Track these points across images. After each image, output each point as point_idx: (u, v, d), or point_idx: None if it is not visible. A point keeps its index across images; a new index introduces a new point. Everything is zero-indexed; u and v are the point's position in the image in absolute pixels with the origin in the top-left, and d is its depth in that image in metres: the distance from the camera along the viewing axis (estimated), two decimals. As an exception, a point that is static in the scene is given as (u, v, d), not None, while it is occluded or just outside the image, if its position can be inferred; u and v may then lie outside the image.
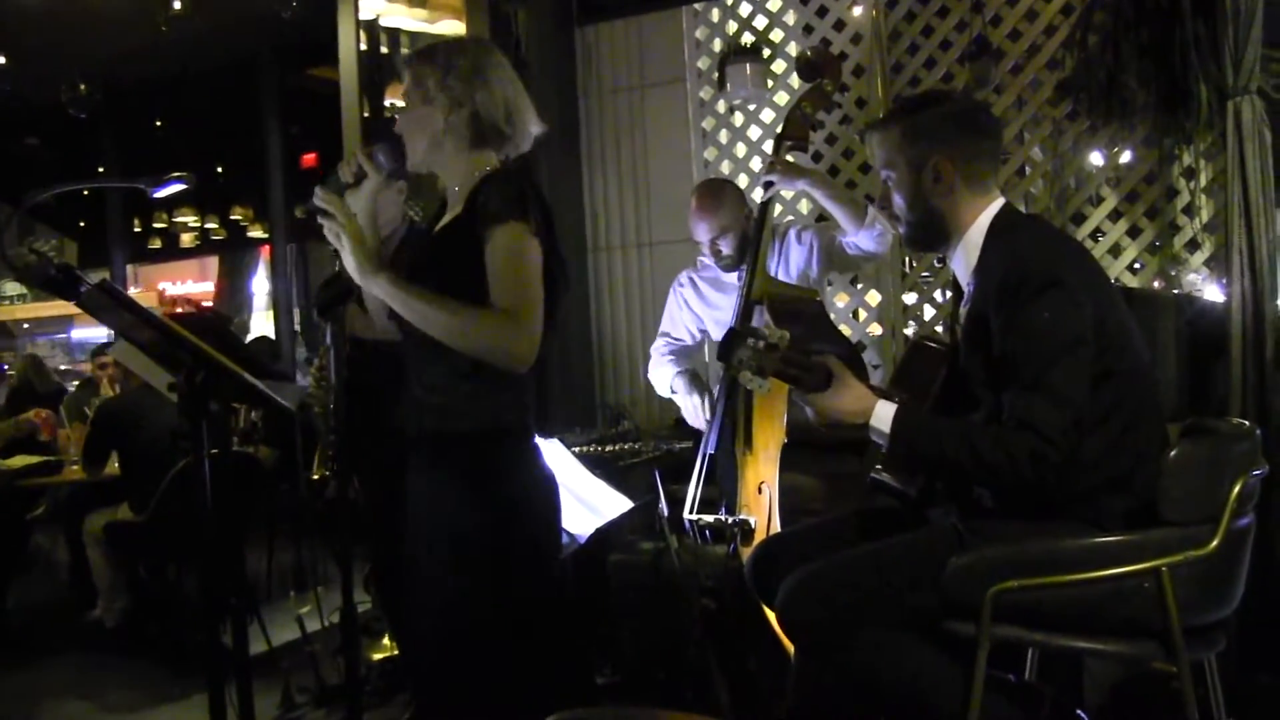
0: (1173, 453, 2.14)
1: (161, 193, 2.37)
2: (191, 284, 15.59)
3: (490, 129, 2.26)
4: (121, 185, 9.35)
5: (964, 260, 2.36)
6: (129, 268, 11.38)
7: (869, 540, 2.39)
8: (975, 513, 2.28)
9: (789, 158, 3.60)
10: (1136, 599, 2.07)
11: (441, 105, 2.24)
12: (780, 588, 2.31)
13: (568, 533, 3.12)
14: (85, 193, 10.08)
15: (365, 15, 5.99)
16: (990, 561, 2.14)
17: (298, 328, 10.21)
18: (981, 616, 2.10)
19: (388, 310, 2.24)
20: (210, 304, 12.17)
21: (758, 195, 3.66)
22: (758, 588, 2.57)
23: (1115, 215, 4.57)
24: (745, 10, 5.14)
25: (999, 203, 2.36)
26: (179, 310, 5.31)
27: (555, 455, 3.48)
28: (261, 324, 12.65)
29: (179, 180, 2.36)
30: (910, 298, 4.99)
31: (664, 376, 3.97)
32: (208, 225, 11.10)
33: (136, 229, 10.97)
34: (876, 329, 5.00)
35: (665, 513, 3.60)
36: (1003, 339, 2.18)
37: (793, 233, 3.82)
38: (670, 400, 4.12)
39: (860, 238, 3.59)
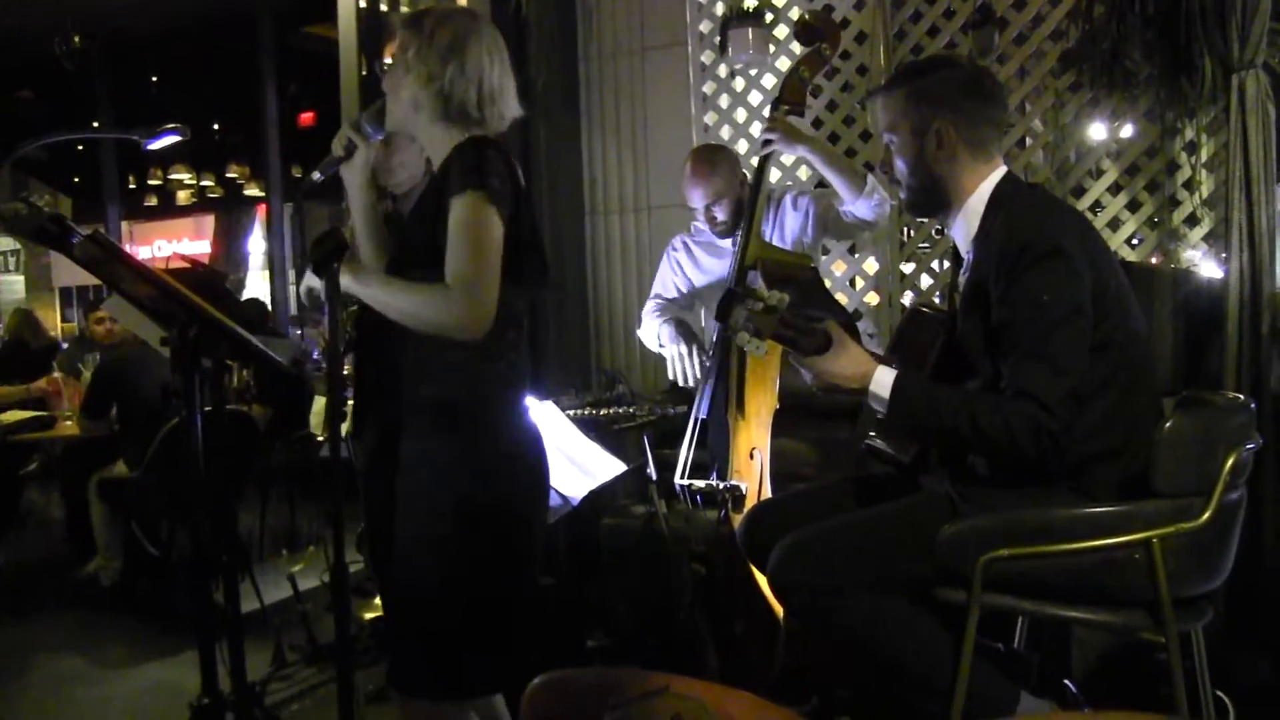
0: (1166, 424, 2.14)
1: (156, 144, 2.35)
2: (188, 242, 15.55)
3: (457, 109, 2.22)
4: (115, 136, 9.28)
5: (964, 228, 2.35)
6: (124, 225, 11.33)
7: (862, 506, 2.40)
8: (968, 480, 2.28)
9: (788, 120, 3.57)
10: (1127, 569, 2.08)
11: (417, 76, 2.20)
12: (772, 552, 2.31)
13: (560, 494, 3.12)
14: (80, 148, 10.02)
15: (365, -27, 5.93)
16: (982, 530, 2.14)
17: (294, 287, 10.19)
18: (972, 584, 2.11)
19: None
20: (206, 261, 12.14)
21: (753, 163, 3.64)
22: (750, 552, 2.57)
23: (1115, 188, 4.56)
24: (748, -26, 5.09)
25: (1001, 171, 2.34)
26: (174, 266, 5.26)
27: (548, 417, 3.48)
28: (258, 283, 12.63)
29: (174, 132, 2.34)
30: (908, 266, 4.97)
31: (651, 330, 3.96)
32: (204, 183, 11.06)
33: (131, 186, 10.95)
34: (873, 297, 4.99)
35: (654, 477, 3.60)
36: (1001, 307, 2.17)
37: (789, 198, 3.80)
38: (664, 364, 4.11)
39: (858, 206, 3.57)
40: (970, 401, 2.18)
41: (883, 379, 2.23)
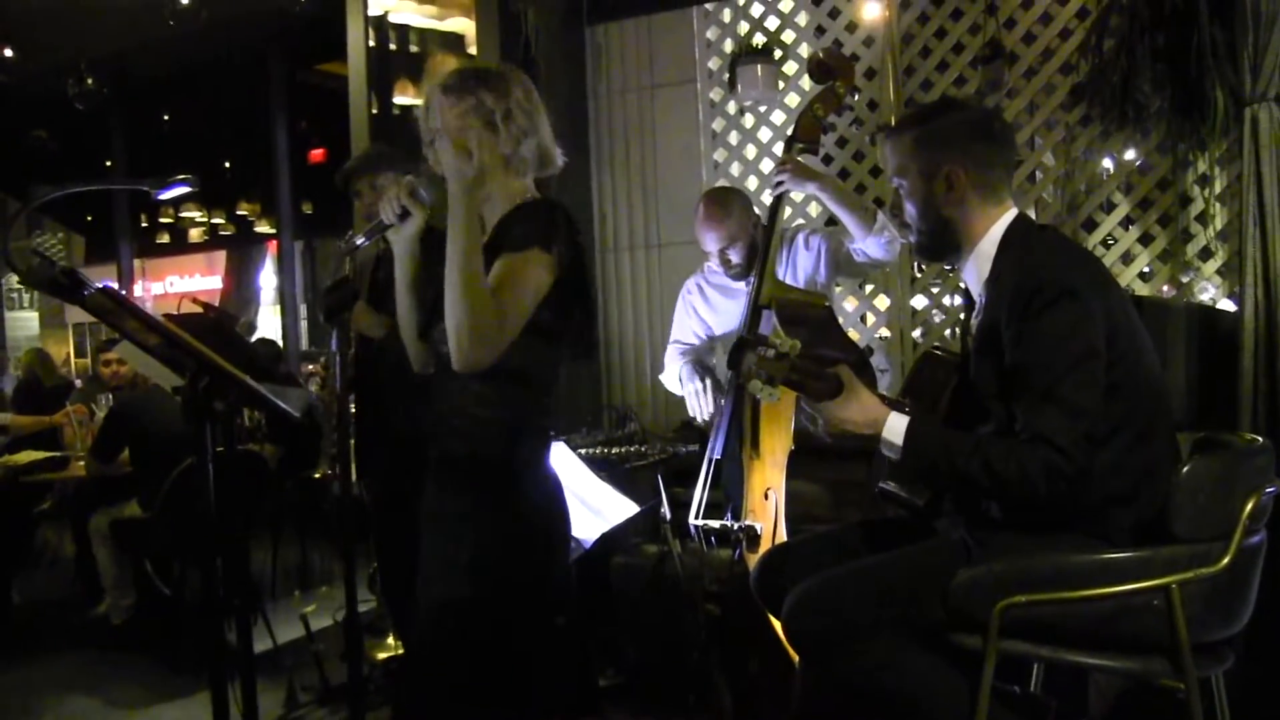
0: (1184, 469, 2.12)
1: (166, 194, 2.36)
2: (199, 278, 15.59)
3: (547, 159, 2.28)
4: (126, 187, 9.35)
5: (975, 271, 2.34)
6: (136, 262, 11.39)
7: (876, 551, 2.38)
8: (983, 525, 2.25)
9: (800, 159, 3.57)
10: (1145, 615, 2.06)
11: (508, 136, 2.21)
12: (786, 598, 2.29)
13: (573, 538, 3.11)
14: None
15: (374, 11, 5.99)
16: (998, 576, 2.12)
17: (305, 322, 10.23)
18: (989, 631, 2.08)
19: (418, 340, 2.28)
20: (217, 302, 12.19)
21: (767, 197, 3.64)
22: (763, 598, 2.55)
23: (1127, 222, 4.55)
24: (757, 11, 5.12)
25: (1012, 213, 2.33)
26: (183, 310, 5.27)
27: (561, 459, 3.46)
28: (269, 319, 12.67)
29: (183, 183, 2.35)
30: (919, 301, 4.96)
31: (673, 373, 3.95)
32: (215, 220, 11.11)
33: (144, 224, 11.00)
34: (885, 333, 4.97)
35: (667, 516, 3.58)
36: (1014, 350, 2.16)
37: (801, 237, 3.80)
38: (678, 402, 4.10)
39: (868, 244, 3.56)
40: (984, 446, 2.16)
41: (896, 425, 2.21)
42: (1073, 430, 2.07)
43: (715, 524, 3.49)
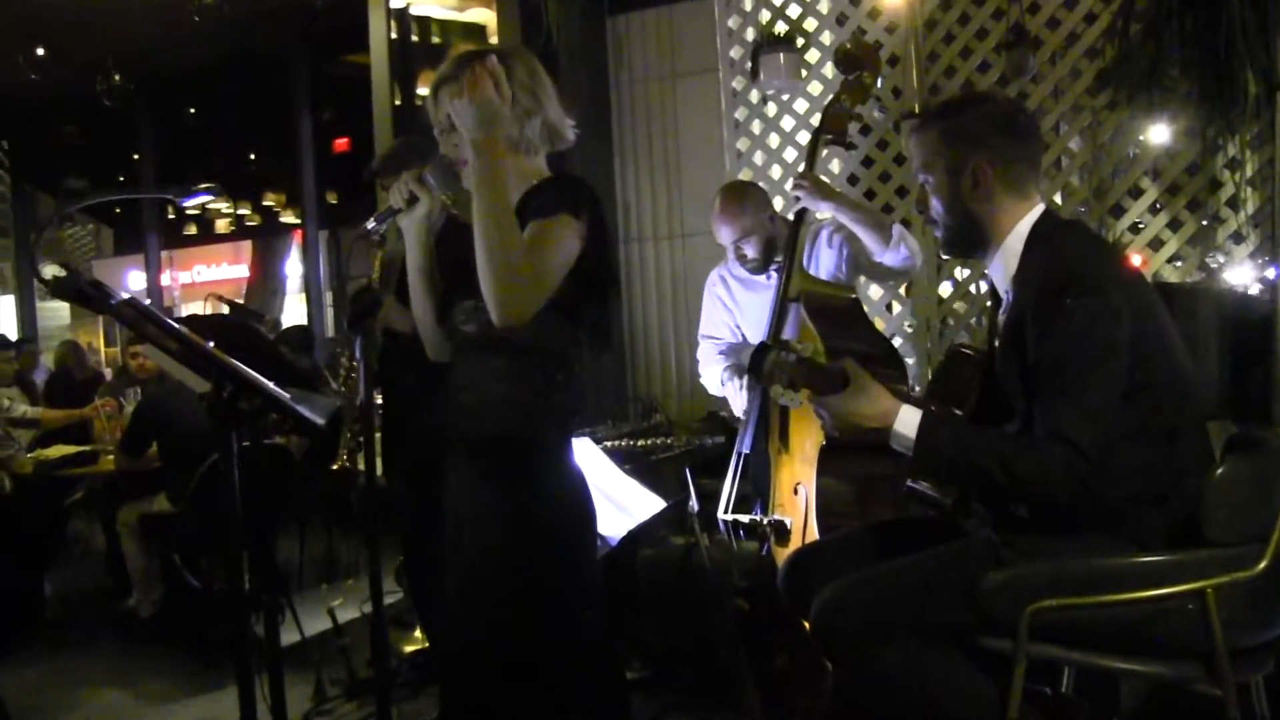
0: (1218, 470, 2.08)
1: (190, 202, 2.37)
2: (226, 266, 15.67)
3: (557, 135, 2.27)
4: (152, 196, 9.45)
5: (1002, 267, 2.31)
6: (163, 253, 11.48)
7: (904, 552, 2.35)
8: (1011, 526, 2.23)
9: (821, 176, 3.57)
10: (1179, 620, 2.02)
11: (514, 117, 2.19)
12: (814, 600, 2.28)
13: (599, 535, 3.11)
14: (121, 179, 10.18)
15: (395, 3, 6.00)
16: (1028, 579, 2.10)
17: (331, 309, 10.29)
18: (1019, 635, 2.06)
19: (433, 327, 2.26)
20: (244, 291, 12.25)
21: (790, 185, 3.62)
22: (791, 598, 2.54)
23: (1156, 208, 4.50)
24: (778, -1, 5.08)
25: (1039, 209, 2.30)
26: (210, 308, 5.32)
27: (586, 454, 3.46)
28: (295, 306, 12.76)
29: (207, 191, 2.36)
30: (945, 289, 4.93)
31: (714, 375, 3.93)
32: (241, 212, 11.17)
33: (171, 215, 11.08)
34: (912, 321, 4.95)
35: (696, 509, 3.57)
36: (1038, 347, 2.13)
37: (825, 233, 3.77)
38: (703, 394, 4.09)
39: (886, 258, 3.55)
40: (1001, 442, 2.14)
41: (908, 418, 2.18)
42: (1092, 429, 2.04)
43: (744, 518, 3.48)
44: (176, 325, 1.88)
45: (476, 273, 2.08)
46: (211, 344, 2.20)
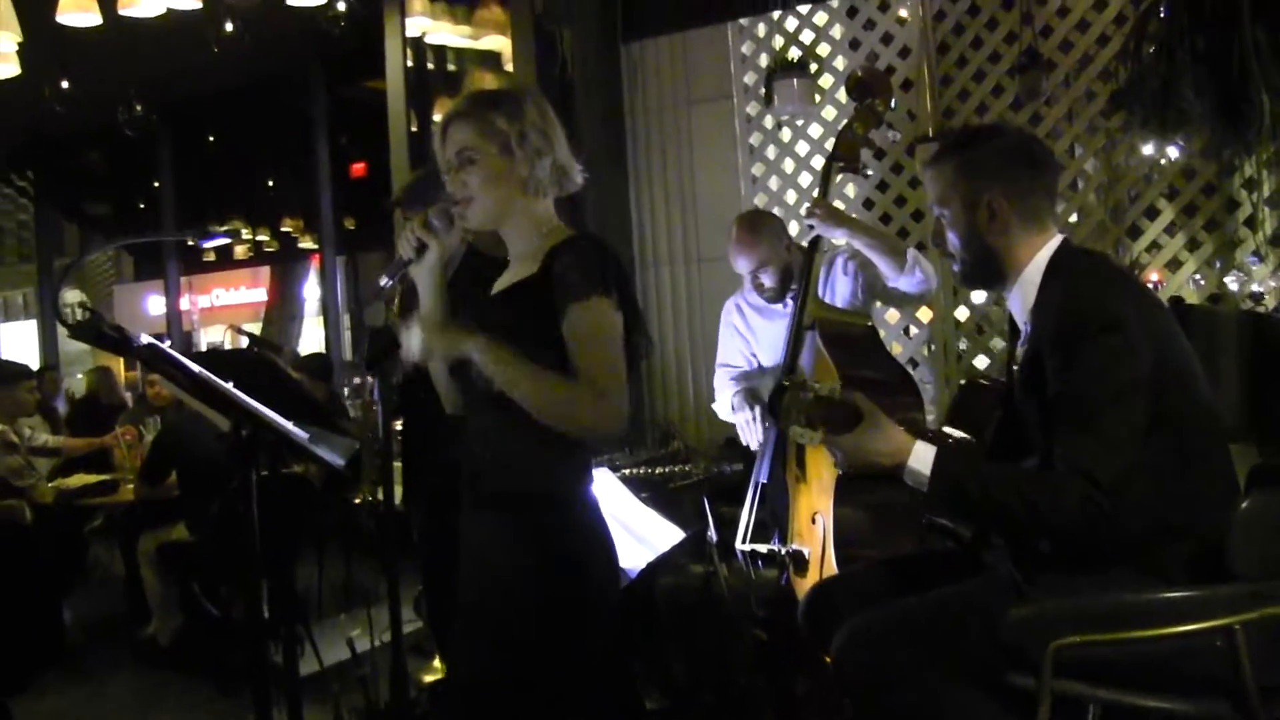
0: (1244, 505, 2.07)
1: (209, 244, 2.39)
2: (244, 290, 15.76)
3: (566, 177, 2.23)
4: (174, 239, 9.57)
5: (1021, 300, 2.30)
6: (183, 279, 11.56)
7: (925, 586, 2.34)
8: (1032, 561, 2.22)
9: (836, 203, 3.57)
10: (1207, 656, 2.00)
11: (525, 157, 2.17)
12: (835, 635, 2.27)
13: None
14: (141, 206, 10.28)
15: (411, 32, 6.04)
16: (1051, 614, 2.08)
17: (348, 333, 10.35)
18: (1042, 671, 2.04)
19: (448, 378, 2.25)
20: (262, 314, 12.30)
21: (801, 214, 3.63)
22: (812, 632, 2.53)
23: (1173, 228, 4.49)
24: (791, 25, 5.10)
25: (1057, 240, 2.30)
26: (230, 339, 5.35)
27: (605, 486, 3.45)
28: (313, 330, 12.83)
29: (224, 235, 2.38)
30: (962, 313, 4.92)
31: (725, 401, 3.93)
32: (259, 238, 11.24)
33: (190, 242, 11.15)
34: (929, 346, 4.94)
35: (714, 539, 3.57)
36: (1057, 380, 2.12)
37: (840, 260, 3.77)
38: (720, 421, 4.09)
39: (901, 283, 3.55)
40: (1017, 477, 2.13)
41: (922, 454, 2.15)
42: (1110, 463, 2.02)
43: (763, 548, 3.48)
44: (196, 369, 1.89)
45: (502, 329, 2.10)
46: (231, 383, 2.21)
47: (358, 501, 4.01)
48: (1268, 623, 1.99)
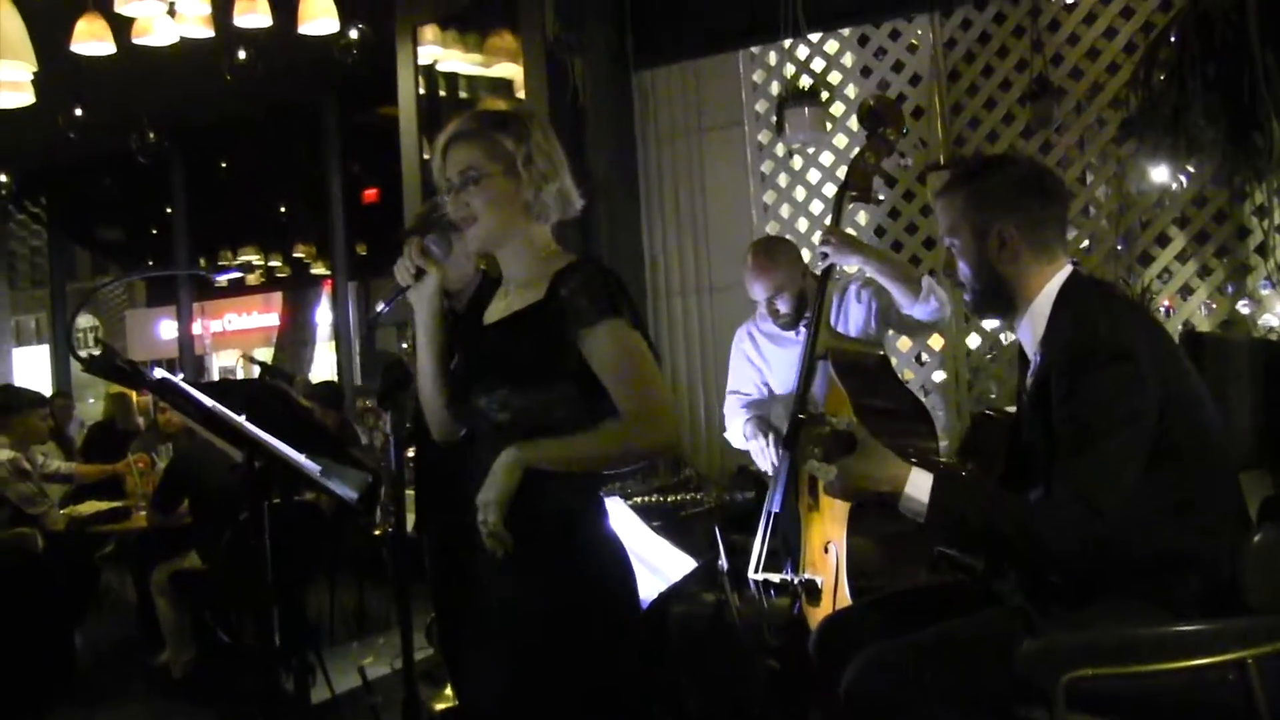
0: (1256, 538, 2.06)
1: (222, 278, 2.41)
2: (257, 315, 15.82)
3: (568, 204, 2.22)
4: (184, 273, 9.64)
5: (1030, 329, 2.31)
6: (195, 304, 11.61)
7: (937, 619, 2.33)
8: (1044, 593, 2.21)
9: (849, 230, 3.58)
10: (1221, 690, 1.99)
11: (530, 180, 2.15)
12: (847, 668, 2.26)
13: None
14: (154, 232, 10.34)
15: (423, 60, 6.08)
16: (1063, 647, 2.07)
17: (359, 359, 10.37)
18: (1055, 704, 2.03)
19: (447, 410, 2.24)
20: (274, 339, 12.34)
21: (818, 239, 3.63)
22: (824, 664, 2.52)
23: (1183, 255, 4.48)
24: (803, 53, 5.12)
25: (1066, 270, 2.30)
26: (243, 367, 5.40)
27: (617, 515, 3.45)
28: (325, 355, 12.88)
29: (238, 269, 2.39)
30: (974, 340, 4.92)
31: (737, 429, 3.93)
32: (272, 263, 11.29)
33: (203, 271, 11.21)
34: (940, 374, 4.93)
35: (725, 567, 3.56)
36: (1062, 409, 2.12)
37: (853, 288, 3.78)
38: (733, 448, 4.08)
39: (915, 311, 3.55)
40: (1016, 505, 2.13)
41: (920, 481, 2.14)
42: (1110, 489, 2.03)
43: (775, 578, 3.47)
44: (209, 404, 1.90)
45: (505, 366, 2.11)
46: (243, 415, 2.22)
47: (377, 533, 4.01)
48: (1281, 657, 1.99)
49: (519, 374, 2.11)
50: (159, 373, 1.88)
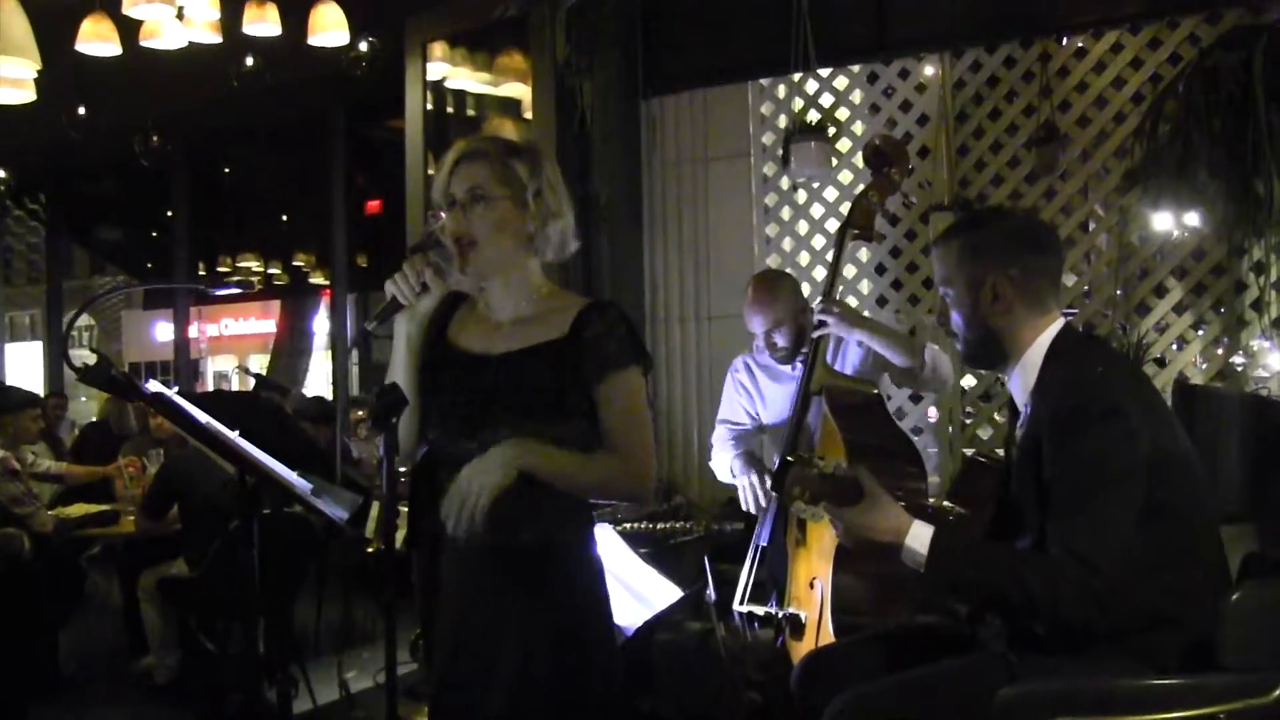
0: (1234, 596, 2.08)
1: (221, 292, 2.42)
2: (254, 321, 15.83)
3: (566, 245, 2.24)
4: (185, 286, 9.66)
5: (1021, 381, 2.33)
6: (193, 309, 11.61)
7: (918, 662, 2.35)
8: (1026, 642, 2.22)
9: (851, 300, 3.59)
10: (1194, 745, 2.01)
11: (536, 213, 2.16)
12: (828, 707, 2.27)
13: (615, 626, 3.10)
14: (154, 235, 10.34)
15: (432, 76, 6.11)
16: (1042, 696, 2.08)
17: (356, 367, 10.36)
18: (1032, 753, 2.05)
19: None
20: (271, 347, 12.33)
21: (819, 272, 3.63)
22: (804, 704, 2.53)
23: (1180, 307, 4.51)
24: (812, 87, 5.15)
25: (1059, 323, 2.32)
26: (238, 380, 5.42)
27: (605, 542, 3.45)
28: (321, 364, 12.89)
29: (236, 285, 2.41)
30: (968, 381, 4.94)
31: (724, 462, 3.92)
32: (271, 271, 11.29)
33: (201, 272, 11.19)
34: (933, 413, 4.95)
35: (713, 598, 3.57)
36: (1054, 465, 2.14)
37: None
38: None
39: (916, 385, 3.56)
40: (1014, 561, 2.15)
41: (920, 533, 2.17)
42: (1107, 548, 2.04)
43: (760, 610, 3.47)
44: (204, 420, 1.91)
45: (518, 397, 2.12)
46: (237, 430, 2.23)
47: (370, 550, 4.02)
48: (1253, 713, 2.01)
49: (532, 409, 2.11)
50: (154, 385, 1.89)
